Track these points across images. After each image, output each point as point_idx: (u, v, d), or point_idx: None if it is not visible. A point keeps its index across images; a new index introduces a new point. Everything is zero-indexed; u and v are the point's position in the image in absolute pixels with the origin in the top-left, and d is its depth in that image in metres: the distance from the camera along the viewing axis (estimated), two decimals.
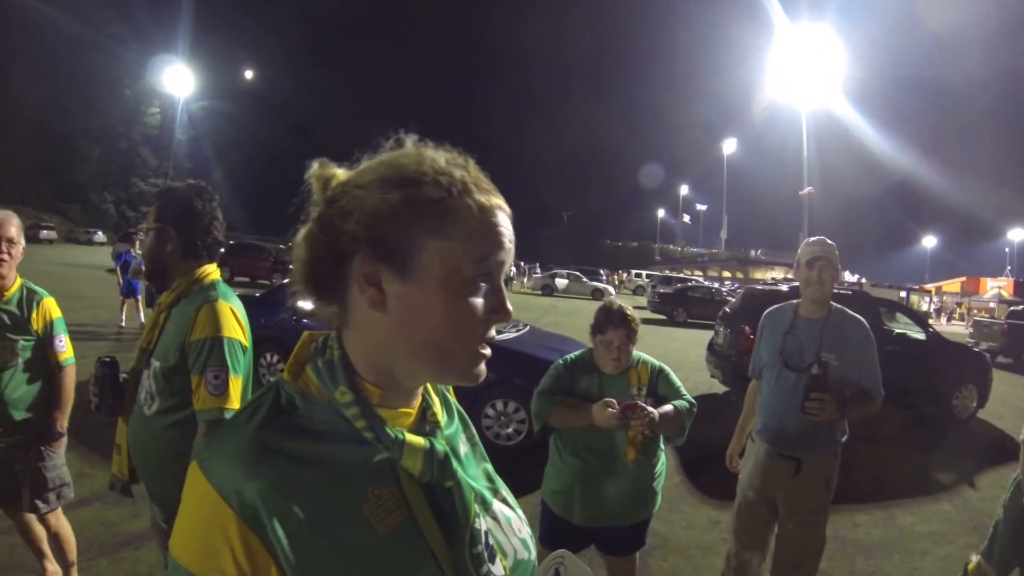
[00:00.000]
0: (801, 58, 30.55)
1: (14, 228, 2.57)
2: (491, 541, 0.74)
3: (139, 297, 10.71)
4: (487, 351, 0.71)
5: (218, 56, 66.25)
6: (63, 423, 2.71)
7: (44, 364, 2.67)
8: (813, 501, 2.74)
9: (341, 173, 0.71)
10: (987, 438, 7.82)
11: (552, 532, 2.57)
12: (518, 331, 6.72)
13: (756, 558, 2.90)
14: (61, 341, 2.71)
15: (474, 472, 0.79)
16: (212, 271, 2.01)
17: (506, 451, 5.54)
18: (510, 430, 5.67)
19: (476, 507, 0.73)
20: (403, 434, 0.68)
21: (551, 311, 21.24)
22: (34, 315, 2.61)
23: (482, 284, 0.69)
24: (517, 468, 3.49)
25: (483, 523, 0.73)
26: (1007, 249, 72.93)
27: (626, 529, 2.55)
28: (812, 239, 2.81)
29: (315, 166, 0.72)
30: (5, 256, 2.52)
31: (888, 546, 4.26)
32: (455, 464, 0.72)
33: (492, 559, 0.72)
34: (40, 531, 2.85)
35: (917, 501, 5.20)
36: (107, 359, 2.00)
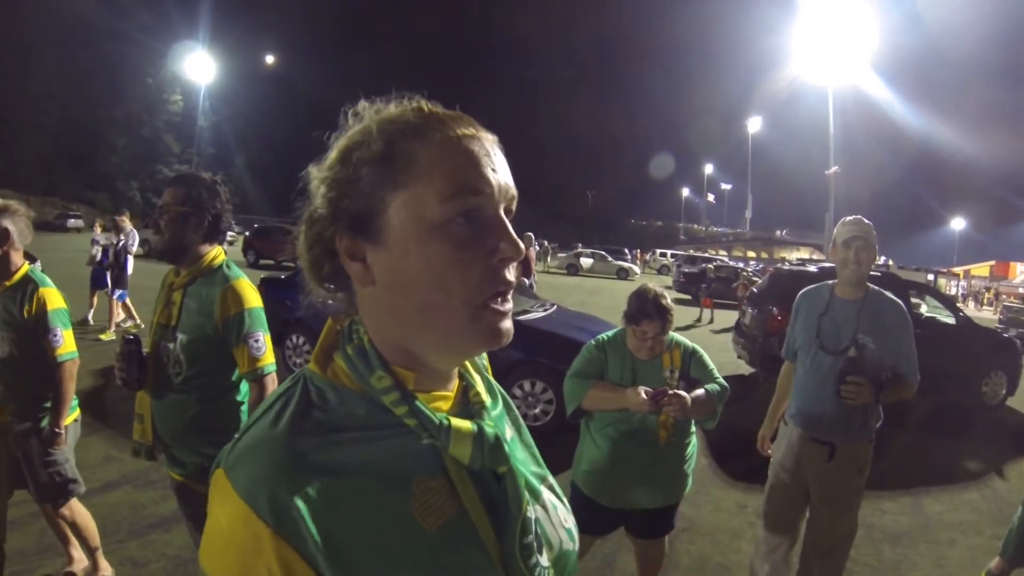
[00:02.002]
0: (828, 33, 29.90)
1: None
2: (539, 531, 0.69)
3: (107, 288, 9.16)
4: (501, 304, 0.64)
5: (239, 41, 66.20)
6: (59, 423, 2.62)
7: (43, 357, 2.59)
8: (846, 487, 2.73)
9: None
10: (1016, 426, 7.71)
11: (583, 514, 2.57)
12: (545, 311, 6.70)
13: (786, 543, 2.89)
14: (56, 335, 2.58)
15: (522, 457, 0.75)
16: (219, 254, 2.20)
17: (533, 432, 5.50)
18: (537, 411, 5.69)
19: (527, 495, 0.69)
20: (448, 419, 0.64)
21: (576, 290, 21.41)
22: (27, 306, 2.55)
23: (464, 223, 0.61)
24: (544, 449, 3.51)
25: (534, 512, 0.69)
26: None
27: (656, 512, 2.56)
28: (849, 219, 2.74)
29: (312, 171, 0.68)
30: None
31: (915, 534, 4.23)
32: (507, 448, 0.67)
33: (540, 549, 0.68)
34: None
35: (945, 489, 5.15)
36: (131, 336, 2.17)
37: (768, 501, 2.95)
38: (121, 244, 8.93)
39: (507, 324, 0.65)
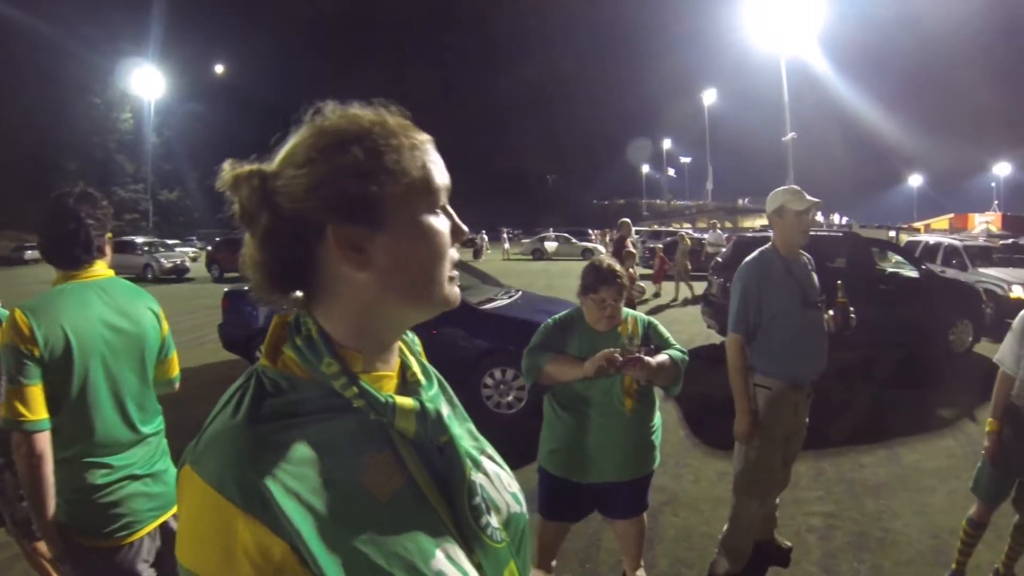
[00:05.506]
0: (779, 3, 30.10)
1: None
2: (484, 495, 0.76)
3: None
4: (456, 273, 0.76)
5: (189, 54, 64.77)
6: None
7: None
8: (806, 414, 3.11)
9: (262, 166, 0.70)
10: (985, 371, 7.82)
11: (553, 498, 2.56)
12: (511, 297, 6.66)
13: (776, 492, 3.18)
14: None
15: (459, 432, 0.79)
16: (57, 279, 1.93)
17: (507, 420, 5.53)
18: (510, 398, 5.64)
19: (468, 462, 0.76)
20: (393, 397, 0.69)
21: (543, 275, 21.43)
22: None
23: (440, 212, 0.73)
24: (519, 437, 3.50)
25: (477, 478, 0.76)
26: (993, 184, 73.71)
27: (627, 485, 2.55)
28: (793, 187, 3.02)
29: (226, 169, 0.70)
30: None
31: (895, 485, 4.30)
32: (446, 420, 0.74)
33: (488, 511, 0.74)
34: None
35: (920, 438, 5.24)
36: None
37: (763, 468, 2.99)
38: None
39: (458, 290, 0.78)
